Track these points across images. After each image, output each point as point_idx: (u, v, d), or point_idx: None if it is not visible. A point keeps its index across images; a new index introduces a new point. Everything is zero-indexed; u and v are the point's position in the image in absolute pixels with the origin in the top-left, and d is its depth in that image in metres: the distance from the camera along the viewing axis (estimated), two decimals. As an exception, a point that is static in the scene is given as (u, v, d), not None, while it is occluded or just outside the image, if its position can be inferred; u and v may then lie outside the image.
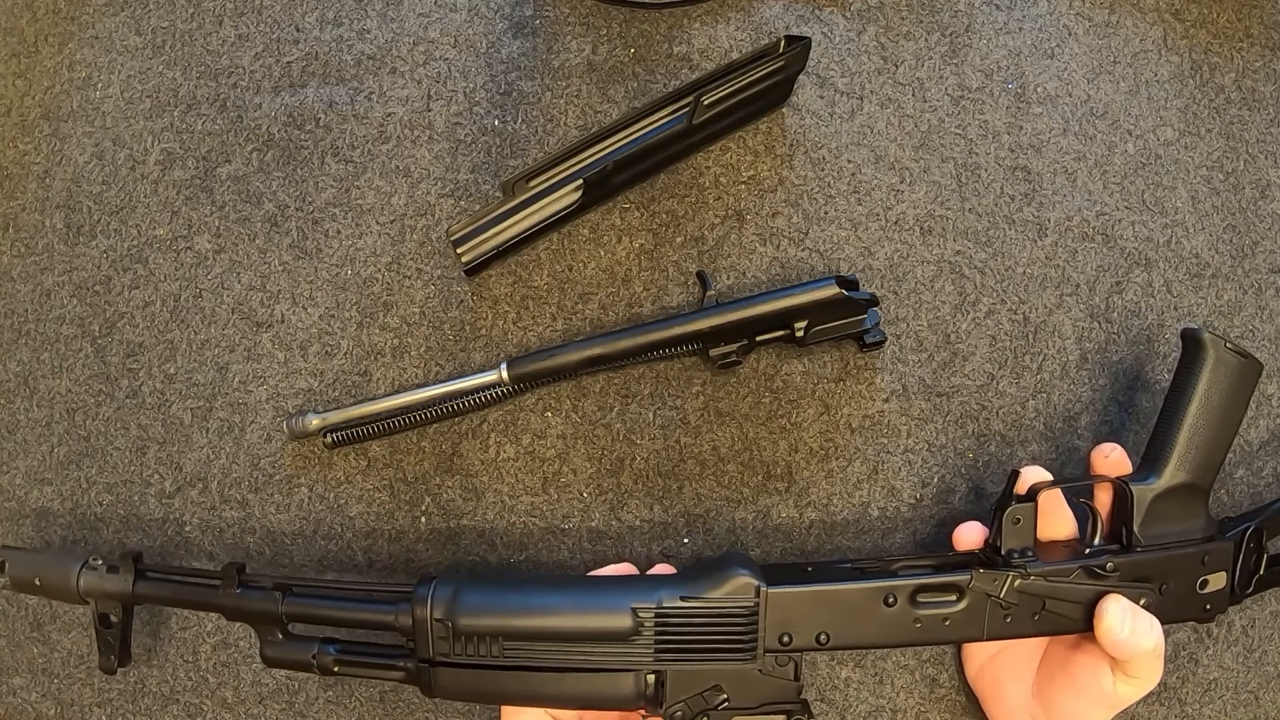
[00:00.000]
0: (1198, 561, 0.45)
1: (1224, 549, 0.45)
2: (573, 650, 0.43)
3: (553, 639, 0.43)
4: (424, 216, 0.59)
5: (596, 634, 0.43)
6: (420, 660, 0.44)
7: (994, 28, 0.59)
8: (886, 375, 0.55)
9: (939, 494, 0.54)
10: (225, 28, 0.63)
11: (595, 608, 0.43)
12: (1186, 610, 0.45)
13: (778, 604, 0.43)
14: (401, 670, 0.45)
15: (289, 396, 0.57)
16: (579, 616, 0.43)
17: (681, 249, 0.57)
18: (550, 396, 0.56)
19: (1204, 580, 0.45)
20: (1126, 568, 0.44)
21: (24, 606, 0.58)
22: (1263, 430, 0.55)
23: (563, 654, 0.43)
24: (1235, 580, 0.45)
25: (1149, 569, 0.44)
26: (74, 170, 0.62)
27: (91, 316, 0.60)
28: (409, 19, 0.61)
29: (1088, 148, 0.58)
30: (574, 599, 0.44)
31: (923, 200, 0.57)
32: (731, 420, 0.55)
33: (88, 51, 0.64)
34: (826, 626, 0.43)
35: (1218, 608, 0.45)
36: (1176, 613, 0.44)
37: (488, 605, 0.44)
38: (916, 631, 0.44)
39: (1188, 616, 0.45)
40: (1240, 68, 0.59)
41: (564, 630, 0.43)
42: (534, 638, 0.43)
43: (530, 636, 0.43)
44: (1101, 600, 0.43)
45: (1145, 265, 0.57)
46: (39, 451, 0.59)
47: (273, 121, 0.61)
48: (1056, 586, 0.43)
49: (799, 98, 0.58)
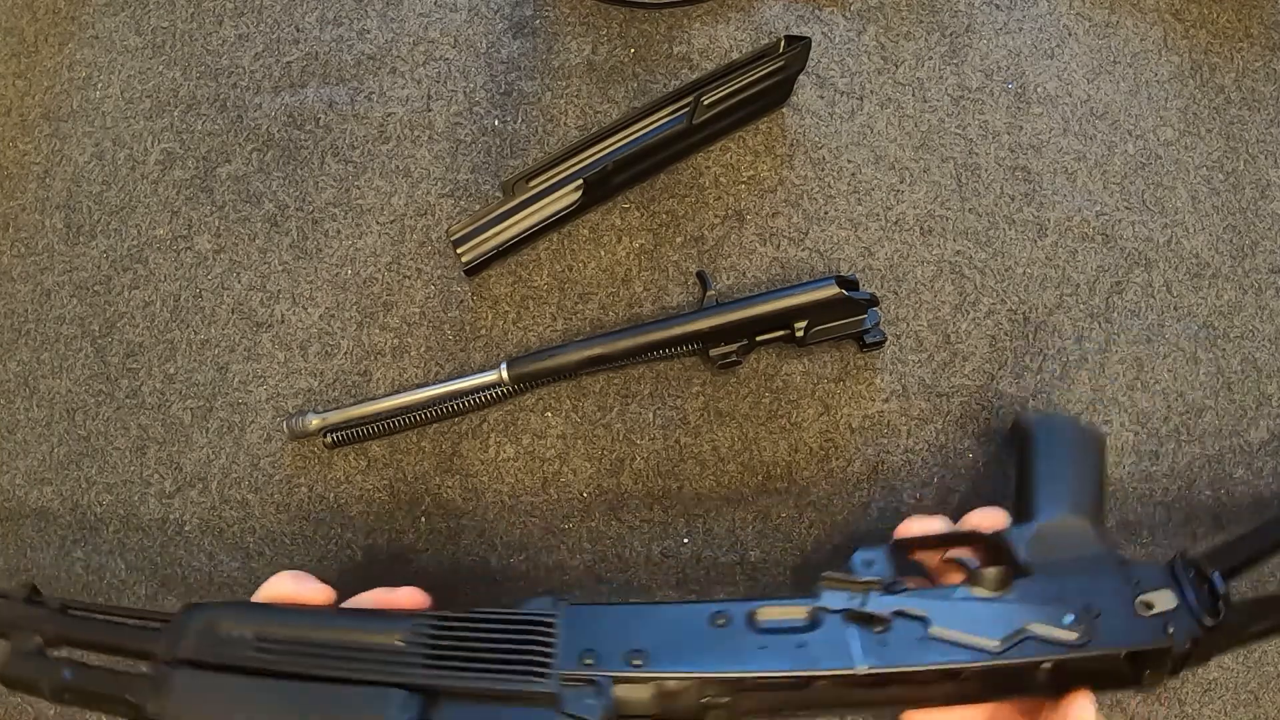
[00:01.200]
0: (1122, 582, 0.41)
1: (1154, 567, 0.41)
2: (334, 660, 0.37)
3: (313, 646, 0.37)
4: (424, 216, 0.59)
5: (364, 645, 0.37)
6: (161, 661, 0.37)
7: (994, 28, 0.59)
8: (886, 375, 0.55)
9: (939, 494, 0.54)
10: (225, 28, 0.63)
11: (369, 623, 0.39)
12: (1139, 633, 0.39)
13: (580, 619, 0.38)
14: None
15: (289, 396, 0.57)
16: (348, 629, 0.38)
17: (681, 249, 0.57)
18: (550, 396, 0.56)
19: (1145, 602, 0.40)
20: (1023, 587, 0.40)
21: (24, 606, 0.58)
22: (1263, 430, 0.55)
23: (323, 664, 0.37)
24: (1194, 601, 0.41)
25: (1052, 589, 0.40)
26: (74, 170, 0.62)
27: (91, 316, 0.60)
28: (409, 19, 0.61)
29: (1088, 148, 0.58)
30: (348, 619, 0.39)
31: (923, 200, 0.57)
32: (731, 420, 0.55)
33: (88, 51, 0.64)
34: (641, 646, 0.37)
35: (1184, 629, 0.40)
36: (1130, 636, 0.39)
37: (248, 615, 0.39)
38: (767, 655, 0.37)
39: (1143, 639, 0.39)
40: (1240, 68, 0.59)
41: (327, 640, 0.38)
42: (292, 642, 0.38)
43: (288, 641, 0.38)
44: (1071, 697, 0.38)
45: (1145, 265, 0.57)
46: (39, 451, 0.59)
47: (273, 121, 0.61)
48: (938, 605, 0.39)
49: (799, 98, 0.58)
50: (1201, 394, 0.55)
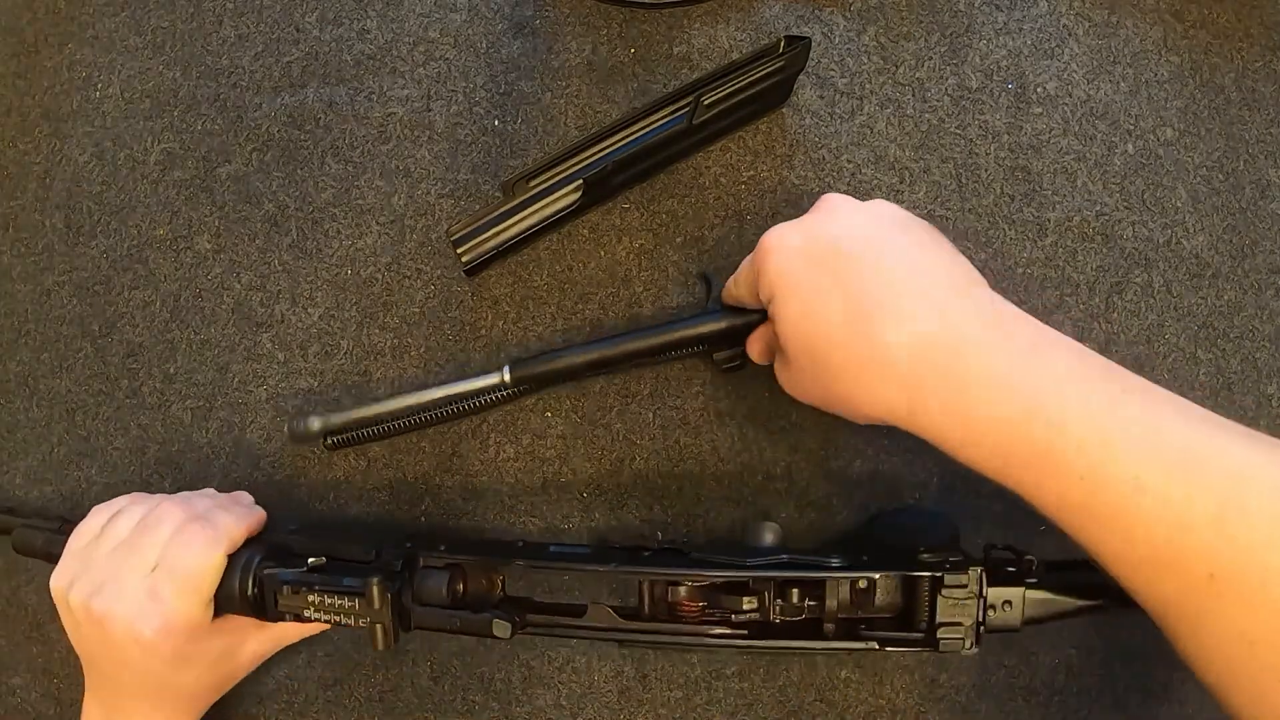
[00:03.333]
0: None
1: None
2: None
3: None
4: (424, 216, 0.59)
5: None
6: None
7: (994, 28, 0.59)
8: (886, 375, 0.55)
9: (939, 494, 0.54)
10: (225, 28, 0.63)
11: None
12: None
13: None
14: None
15: (289, 396, 0.57)
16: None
17: (681, 249, 0.57)
18: (550, 396, 0.56)
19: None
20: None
21: (24, 607, 0.58)
22: (1263, 430, 0.55)
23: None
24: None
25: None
26: (74, 170, 0.62)
27: (91, 316, 0.60)
28: (409, 19, 0.61)
29: (1088, 148, 0.58)
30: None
31: (923, 200, 0.57)
32: (731, 420, 0.55)
33: (88, 51, 0.64)
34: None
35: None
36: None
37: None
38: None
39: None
40: (1240, 68, 0.59)
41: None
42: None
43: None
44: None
45: (1145, 265, 0.57)
46: (39, 451, 0.59)
47: (273, 121, 0.61)
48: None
49: (799, 98, 0.58)
50: (1201, 394, 0.55)
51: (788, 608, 0.44)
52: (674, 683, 0.54)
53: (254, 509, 0.51)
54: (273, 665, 0.55)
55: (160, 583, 0.45)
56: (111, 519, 0.49)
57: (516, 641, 0.54)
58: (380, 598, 0.44)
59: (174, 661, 0.46)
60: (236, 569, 0.47)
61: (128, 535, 0.47)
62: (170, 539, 0.46)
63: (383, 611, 0.44)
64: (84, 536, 0.49)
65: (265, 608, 0.47)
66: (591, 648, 0.54)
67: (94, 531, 0.49)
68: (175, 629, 0.45)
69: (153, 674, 0.46)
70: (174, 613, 0.45)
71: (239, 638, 0.49)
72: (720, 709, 0.53)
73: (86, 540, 0.49)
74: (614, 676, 0.54)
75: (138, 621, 0.44)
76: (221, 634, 0.48)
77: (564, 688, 0.54)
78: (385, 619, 0.44)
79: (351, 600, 0.45)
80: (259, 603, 0.47)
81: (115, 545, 0.47)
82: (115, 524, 0.48)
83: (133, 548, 0.46)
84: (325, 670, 0.56)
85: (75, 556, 0.48)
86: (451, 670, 0.55)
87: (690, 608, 0.45)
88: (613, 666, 0.54)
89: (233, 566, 0.47)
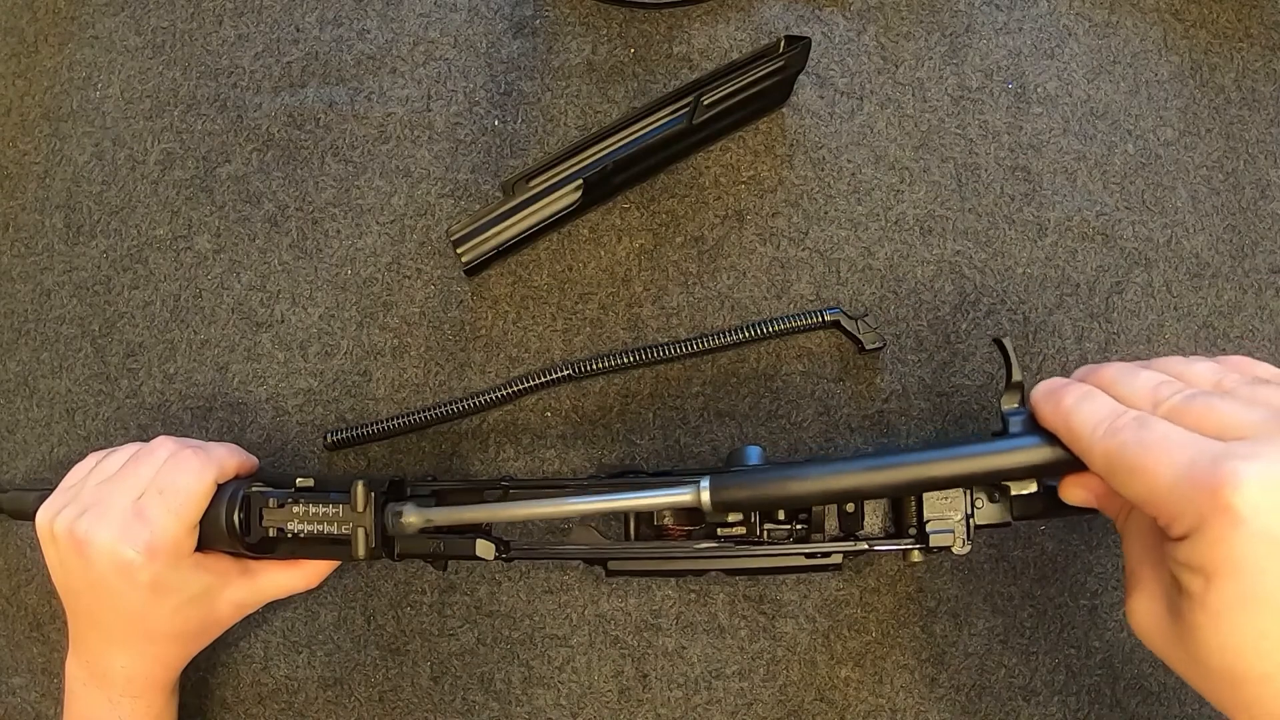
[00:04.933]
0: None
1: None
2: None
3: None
4: (424, 216, 0.59)
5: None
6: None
7: (994, 28, 0.59)
8: (886, 375, 0.55)
9: (939, 494, 0.54)
10: (225, 28, 0.63)
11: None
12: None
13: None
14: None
15: (289, 396, 0.57)
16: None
17: (681, 249, 0.57)
18: (550, 396, 0.56)
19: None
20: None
21: (24, 606, 0.58)
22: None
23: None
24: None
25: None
26: (74, 170, 0.62)
27: (91, 316, 0.60)
28: (409, 19, 0.61)
29: (1088, 148, 0.58)
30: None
31: (923, 200, 0.57)
32: (731, 420, 0.55)
33: (88, 51, 0.64)
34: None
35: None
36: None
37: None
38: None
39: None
40: (1240, 68, 0.59)
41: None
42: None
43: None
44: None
45: (1145, 265, 0.57)
46: (39, 451, 0.59)
47: (273, 121, 0.61)
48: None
49: (799, 98, 0.58)
50: (1201, 394, 0.55)
51: (775, 530, 0.44)
52: (674, 682, 0.54)
53: (249, 454, 0.51)
54: (273, 665, 0.55)
55: (148, 503, 0.45)
56: (105, 456, 0.49)
57: (517, 641, 0.54)
58: (364, 499, 0.43)
59: (153, 590, 0.45)
60: (224, 498, 0.46)
61: (119, 469, 0.47)
62: (163, 465, 0.46)
63: (365, 515, 0.43)
64: (77, 474, 0.49)
65: (250, 529, 0.46)
66: (592, 648, 0.54)
67: (87, 469, 0.49)
68: (158, 550, 0.44)
69: (133, 607, 0.46)
70: (159, 532, 0.44)
71: (221, 580, 0.48)
72: (720, 709, 0.53)
73: (79, 478, 0.49)
74: (614, 676, 0.54)
75: (121, 543, 0.44)
76: (203, 569, 0.47)
77: (564, 688, 0.54)
78: (368, 522, 0.43)
79: (336, 508, 0.44)
80: (244, 526, 0.46)
81: (107, 478, 0.47)
82: (108, 460, 0.49)
83: (124, 476, 0.47)
84: (325, 670, 0.56)
85: (65, 490, 0.48)
86: (451, 670, 0.55)
87: (676, 531, 0.45)
88: (613, 666, 0.54)
89: (220, 494, 0.47)
